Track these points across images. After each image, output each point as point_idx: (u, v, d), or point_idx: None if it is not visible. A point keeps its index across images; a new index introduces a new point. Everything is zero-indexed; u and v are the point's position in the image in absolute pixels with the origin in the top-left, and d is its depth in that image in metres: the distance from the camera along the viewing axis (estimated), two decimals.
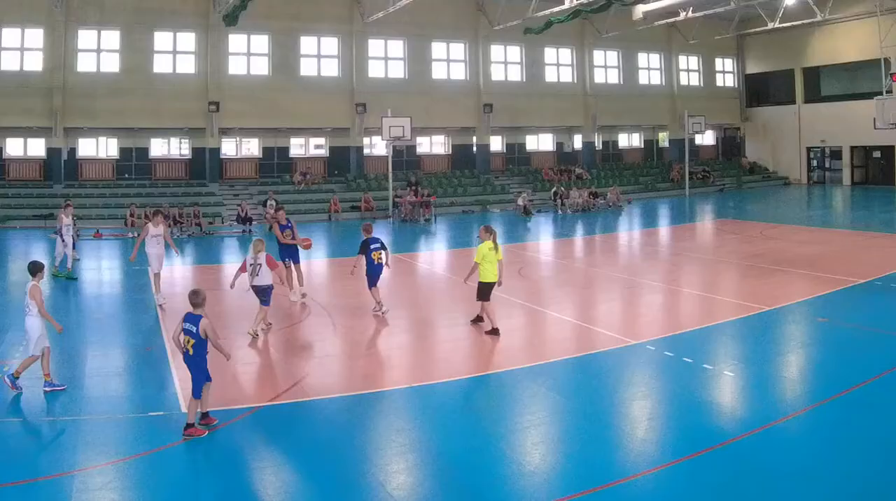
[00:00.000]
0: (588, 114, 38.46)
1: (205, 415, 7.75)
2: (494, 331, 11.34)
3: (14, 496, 6.29)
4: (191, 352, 7.58)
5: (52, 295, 14.90)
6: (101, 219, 27.50)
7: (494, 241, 11.41)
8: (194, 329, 7.54)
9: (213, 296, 13.29)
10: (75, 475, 6.64)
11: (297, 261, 14.31)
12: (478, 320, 11.91)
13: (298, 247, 14.30)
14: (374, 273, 12.70)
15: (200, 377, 7.61)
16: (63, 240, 17.05)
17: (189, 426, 7.56)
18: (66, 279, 16.75)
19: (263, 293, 11.46)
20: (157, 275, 14.35)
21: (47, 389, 8.86)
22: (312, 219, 30.20)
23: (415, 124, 30.91)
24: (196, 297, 7.64)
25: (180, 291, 14.30)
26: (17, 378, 8.88)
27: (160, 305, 13.65)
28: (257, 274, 11.36)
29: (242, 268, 11.69)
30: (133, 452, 7.14)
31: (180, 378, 9.08)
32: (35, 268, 9.20)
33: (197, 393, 7.60)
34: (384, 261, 12.80)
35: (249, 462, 7.09)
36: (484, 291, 11.44)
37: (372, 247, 12.60)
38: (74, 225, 18.74)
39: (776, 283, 15.20)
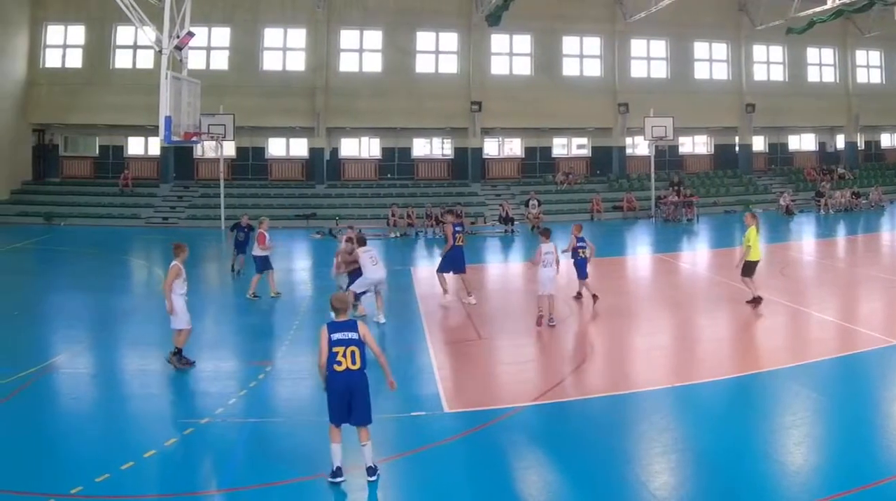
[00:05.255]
0: (850, 114, 36.71)
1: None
2: (756, 300, 12.94)
3: (278, 495, 6.45)
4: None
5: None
6: (364, 218, 27.87)
7: (757, 226, 13.36)
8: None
9: (480, 296, 14.50)
10: None
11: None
12: (755, 301, 13.05)
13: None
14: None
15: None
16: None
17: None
18: None
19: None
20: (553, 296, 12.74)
21: None
22: (574, 218, 29.45)
23: (677, 124, 30.16)
24: None
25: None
26: None
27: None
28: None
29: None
30: (394, 452, 7.18)
31: (442, 378, 9.52)
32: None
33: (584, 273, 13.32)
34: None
35: (512, 462, 7.12)
36: (753, 268, 13.17)
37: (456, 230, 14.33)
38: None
39: None
